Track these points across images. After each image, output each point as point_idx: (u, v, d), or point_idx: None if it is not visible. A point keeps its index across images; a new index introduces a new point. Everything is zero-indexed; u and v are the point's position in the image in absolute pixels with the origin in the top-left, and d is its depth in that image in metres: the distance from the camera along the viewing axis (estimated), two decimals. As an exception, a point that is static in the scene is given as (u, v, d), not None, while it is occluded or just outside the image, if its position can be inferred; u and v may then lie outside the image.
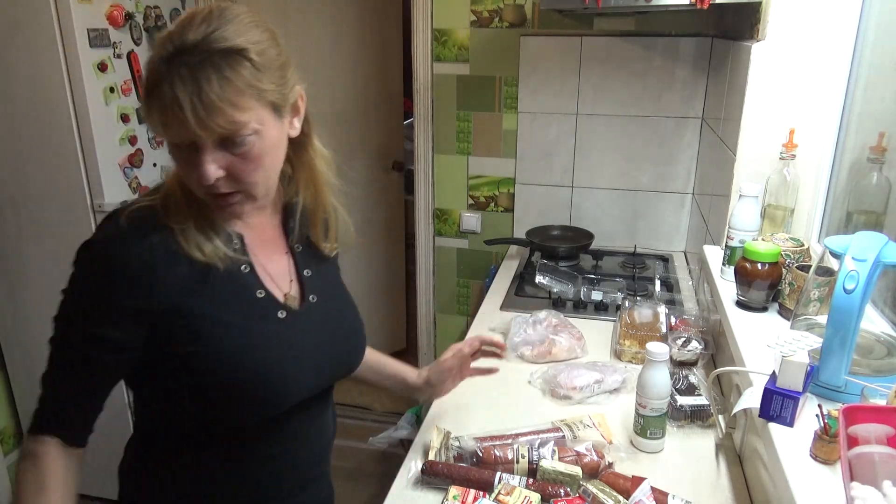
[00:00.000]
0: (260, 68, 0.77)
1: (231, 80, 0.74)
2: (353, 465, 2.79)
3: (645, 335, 1.61)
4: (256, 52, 0.77)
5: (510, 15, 2.27)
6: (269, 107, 0.80)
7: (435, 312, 2.73)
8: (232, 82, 0.75)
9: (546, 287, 1.96)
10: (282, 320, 0.92)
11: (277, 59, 0.81)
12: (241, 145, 0.78)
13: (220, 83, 0.74)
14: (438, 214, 2.58)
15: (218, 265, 0.86)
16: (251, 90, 0.76)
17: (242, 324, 0.88)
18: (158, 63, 0.74)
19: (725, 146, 1.70)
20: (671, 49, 2.18)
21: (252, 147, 0.79)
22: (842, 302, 0.90)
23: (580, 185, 2.41)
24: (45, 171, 2.11)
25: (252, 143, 0.79)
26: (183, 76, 0.73)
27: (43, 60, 1.99)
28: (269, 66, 0.79)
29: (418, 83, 2.40)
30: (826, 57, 1.42)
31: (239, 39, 0.76)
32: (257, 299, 0.90)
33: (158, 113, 0.74)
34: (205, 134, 0.75)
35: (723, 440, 1.31)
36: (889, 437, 0.79)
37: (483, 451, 1.18)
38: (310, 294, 0.98)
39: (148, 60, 0.77)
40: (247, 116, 0.77)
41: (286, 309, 0.93)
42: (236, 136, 0.77)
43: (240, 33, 0.77)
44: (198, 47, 0.74)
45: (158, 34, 0.81)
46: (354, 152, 3.14)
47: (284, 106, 0.84)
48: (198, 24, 0.75)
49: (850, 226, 1.30)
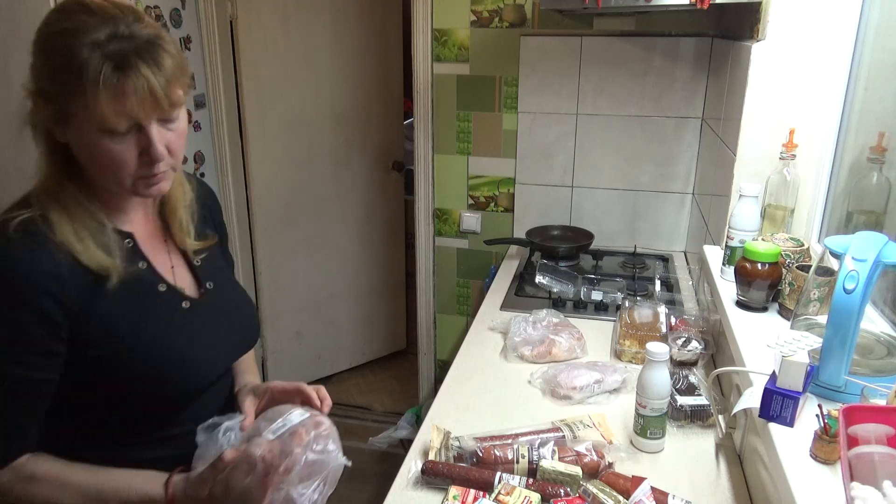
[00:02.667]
0: (177, 46, 0.86)
1: (171, 52, 0.83)
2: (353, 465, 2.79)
3: (645, 335, 1.61)
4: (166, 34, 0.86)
5: (510, 15, 2.27)
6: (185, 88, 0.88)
7: (435, 312, 2.73)
8: (173, 54, 0.83)
9: (546, 287, 1.96)
10: (186, 310, 0.98)
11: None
12: (175, 121, 0.86)
13: (169, 57, 0.82)
14: (438, 214, 2.58)
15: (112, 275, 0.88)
16: (180, 68, 0.85)
17: (151, 318, 0.92)
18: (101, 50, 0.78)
19: (725, 146, 1.70)
20: (671, 49, 2.18)
21: (181, 123, 0.88)
22: (842, 302, 0.90)
23: (580, 185, 2.41)
24: (45, 171, 2.11)
25: (181, 117, 0.88)
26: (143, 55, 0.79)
27: (43, 60, 1.99)
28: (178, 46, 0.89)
29: (418, 83, 2.41)
30: (826, 57, 1.42)
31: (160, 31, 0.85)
32: (160, 293, 0.95)
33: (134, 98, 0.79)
34: (168, 108, 0.82)
35: (723, 440, 1.31)
36: (889, 437, 0.79)
37: (483, 451, 1.18)
38: (205, 282, 1.03)
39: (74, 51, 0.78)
40: (184, 91, 0.86)
41: (188, 299, 0.99)
42: (176, 110, 0.85)
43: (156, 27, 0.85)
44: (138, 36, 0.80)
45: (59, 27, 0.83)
46: (354, 152, 3.14)
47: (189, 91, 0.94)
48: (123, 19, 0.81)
49: (850, 226, 1.30)
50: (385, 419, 3.04)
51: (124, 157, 0.83)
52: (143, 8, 2.23)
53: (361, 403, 3.19)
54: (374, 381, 3.39)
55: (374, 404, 3.17)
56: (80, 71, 0.78)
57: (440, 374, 2.78)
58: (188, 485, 0.89)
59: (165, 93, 0.81)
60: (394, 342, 3.53)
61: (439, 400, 1.49)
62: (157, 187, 0.89)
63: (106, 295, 0.87)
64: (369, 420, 3.07)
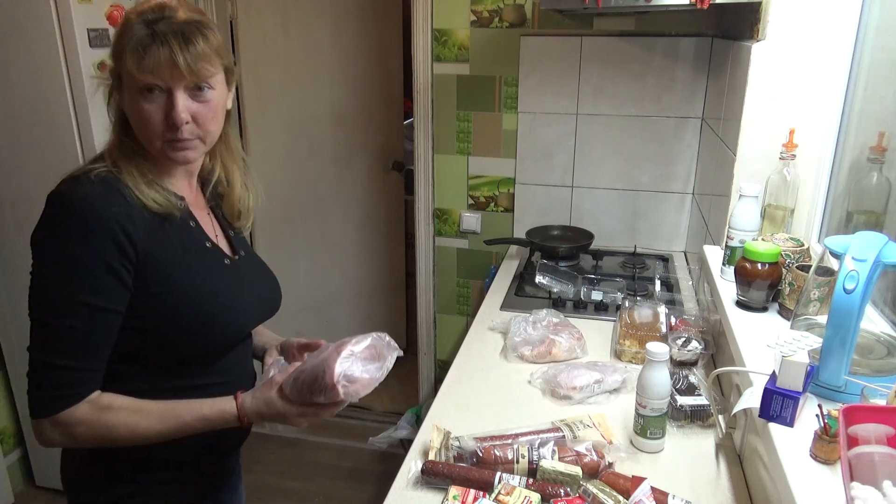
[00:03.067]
0: (220, 38, 0.99)
1: (209, 39, 0.96)
2: (353, 465, 2.80)
3: (645, 335, 1.61)
4: (215, 27, 0.99)
5: (510, 15, 2.27)
6: (224, 71, 1.01)
7: (435, 312, 2.73)
8: (209, 41, 0.96)
9: (546, 287, 1.96)
10: (228, 266, 1.10)
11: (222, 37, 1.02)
12: (206, 94, 0.97)
13: (202, 39, 0.95)
14: (438, 214, 2.58)
15: (175, 215, 1.01)
16: (217, 51, 0.97)
17: (202, 266, 1.04)
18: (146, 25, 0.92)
19: (725, 146, 1.70)
20: (671, 49, 2.18)
21: (212, 98, 0.98)
22: (842, 302, 0.90)
23: (580, 185, 2.41)
24: (45, 170, 2.11)
25: (213, 95, 0.98)
26: (175, 32, 0.92)
27: (43, 60, 1.99)
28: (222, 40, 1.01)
29: (418, 83, 2.40)
30: (826, 57, 1.42)
31: (203, 17, 0.98)
32: (207, 248, 1.07)
33: (153, 59, 0.91)
34: (190, 77, 0.93)
35: (723, 440, 1.31)
36: (889, 437, 0.79)
37: (483, 451, 1.18)
38: (239, 250, 1.16)
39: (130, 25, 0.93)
40: (214, 70, 0.98)
41: (230, 258, 1.11)
42: (206, 83, 0.96)
43: (200, 13, 0.99)
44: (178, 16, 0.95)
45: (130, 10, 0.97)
46: (354, 152, 3.14)
47: (231, 75, 1.04)
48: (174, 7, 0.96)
49: (850, 226, 1.30)
50: (385, 419, 3.04)
51: (152, 115, 0.95)
52: (143, 8, 2.23)
53: (361, 403, 3.17)
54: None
55: (374, 404, 3.17)
56: (128, 39, 0.93)
57: (440, 374, 2.78)
58: (255, 392, 1.01)
59: (189, 65, 0.92)
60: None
61: (439, 400, 1.49)
62: (182, 153, 0.99)
63: (165, 240, 0.98)
64: (369, 420, 3.07)
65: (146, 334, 0.99)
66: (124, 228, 0.92)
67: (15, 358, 2.39)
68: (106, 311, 0.94)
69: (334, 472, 2.75)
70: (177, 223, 1.01)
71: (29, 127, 2.07)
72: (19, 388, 2.44)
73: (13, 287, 2.28)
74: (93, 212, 0.92)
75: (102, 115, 2.07)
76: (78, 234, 0.91)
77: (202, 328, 1.02)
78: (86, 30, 2.00)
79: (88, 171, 0.96)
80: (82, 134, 2.06)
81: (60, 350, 0.93)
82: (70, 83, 2.01)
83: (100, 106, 2.08)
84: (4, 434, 2.49)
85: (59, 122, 2.04)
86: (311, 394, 0.97)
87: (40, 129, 2.07)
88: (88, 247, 0.91)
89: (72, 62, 1.99)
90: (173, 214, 1.00)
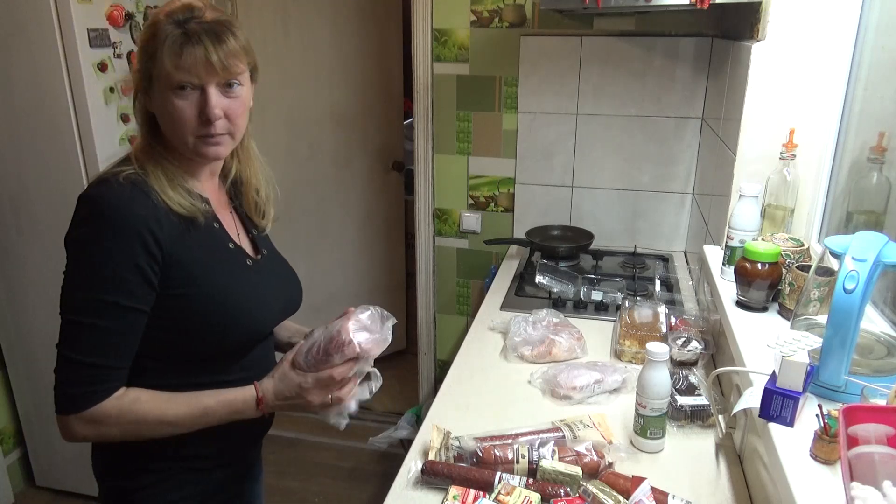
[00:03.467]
0: (245, 37, 1.02)
1: (238, 38, 1.00)
2: (353, 465, 2.79)
3: (645, 335, 1.61)
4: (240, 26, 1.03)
5: (510, 15, 2.27)
6: (249, 68, 1.04)
7: (435, 312, 2.73)
8: (238, 39, 1.00)
9: (546, 287, 1.96)
10: (250, 267, 1.12)
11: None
12: (235, 90, 1.01)
13: (232, 38, 0.99)
14: (438, 214, 2.58)
15: (199, 219, 1.03)
16: (244, 49, 1.01)
17: (224, 268, 1.07)
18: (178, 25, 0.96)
19: (725, 146, 1.70)
20: (671, 49, 2.18)
21: (241, 94, 1.02)
22: (842, 302, 0.90)
23: (580, 185, 2.41)
24: (45, 170, 2.11)
25: (241, 91, 1.02)
26: (207, 32, 0.96)
27: (43, 60, 1.99)
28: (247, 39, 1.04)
29: (418, 83, 2.40)
30: (826, 57, 1.42)
31: (229, 17, 1.03)
32: (230, 249, 1.09)
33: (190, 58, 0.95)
34: (222, 74, 0.97)
35: (723, 440, 1.31)
36: (889, 437, 0.79)
37: (483, 451, 1.18)
38: (262, 249, 1.19)
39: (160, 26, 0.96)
40: (243, 67, 1.02)
41: (251, 258, 1.14)
42: (236, 79, 1.00)
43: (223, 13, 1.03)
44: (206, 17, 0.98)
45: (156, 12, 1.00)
46: (354, 152, 3.14)
47: (255, 72, 1.07)
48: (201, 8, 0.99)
49: (850, 226, 1.30)
50: (385, 419, 3.04)
51: (186, 112, 0.98)
52: (143, 8, 2.23)
53: (361, 403, 3.18)
54: (374, 381, 3.39)
55: (374, 404, 3.17)
56: (161, 39, 0.95)
57: (440, 374, 2.78)
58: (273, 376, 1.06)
59: (222, 62, 0.96)
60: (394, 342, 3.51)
61: (439, 400, 1.49)
62: (214, 148, 1.02)
63: (189, 243, 1.01)
64: (369, 420, 3.07)
65: (171, 333, 1.02)
66: (152, 231, 0.95)
67: (15, 358, 2.39)
68: (133, 310, 0.96)
69: (334, 472, 2.75)
70: (201, 225, 1.04)
71: (29, 127, 2.07)
72: (19, 388, 2.44)
73: (13, 287, 2.28)
74: (122, 214, 0.94)
75: (102, 116, 2.09)
76: (108, 235, 0.94)
77: (224, 328, 1.05)
78: (86, 30, 2.00)
79: (117, 173, 0.98)
80: (82, 134, 2.06)
81: (89, 348, 0.95)
82: (70, 83, 2.01)
83: (100, 106, 2.09)
84: (4, 434, 2.49)
85: (59, 122, 2.04)
86: (326, 355, 1.03)
87: (40, 129, 2.07)
88: (118, 248, 0.94)
89: (72, 62, 1.99)
90: (198, 219, 1.03)
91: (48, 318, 2.30)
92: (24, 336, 2.33)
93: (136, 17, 2.20)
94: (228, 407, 1.03)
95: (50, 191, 2.12)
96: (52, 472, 2.52)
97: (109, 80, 2.11)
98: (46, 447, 2.48)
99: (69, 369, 0.96)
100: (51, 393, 0.97)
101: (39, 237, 2.18)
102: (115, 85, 2.14)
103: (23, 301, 2.28)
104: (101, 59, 2.07)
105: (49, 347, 0.98)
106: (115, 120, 2.16)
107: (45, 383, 2.45)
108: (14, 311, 2.31)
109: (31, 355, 2.35)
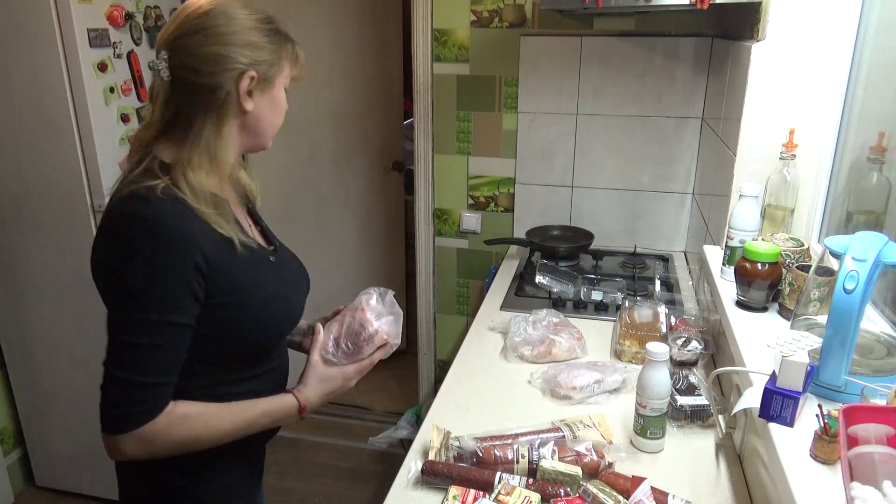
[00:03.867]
0: None
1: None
2: (353, 465, 2.79)
3: (645, 335, 1.61)
4: None
5: (510, 15, 2.27)
6: None
7: (435, 312, 2.73)
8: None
9: (546, 287, 1.96)
10: (273, 262, 1.14)
11: None
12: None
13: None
14: (438, 214, 2.58)
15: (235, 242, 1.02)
16: None
17: (258, 269, 1.08)
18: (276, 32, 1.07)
19: (725, 146, 1.70)
20: (671, 49, 2.18)
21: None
22: (842, 302, 0.90)
23: (580, 185, 2.41)
24: (45, 170, 2.11)
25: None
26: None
27: (43, 60, 1.99)
28: None
29: (418, 83, 2.40)
30: (826, 57, 1.42)
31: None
32: (255, 250, 1.09)
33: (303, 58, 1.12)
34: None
35: (723, 440, 1.31)
36: (889, 437, 0.79)
37: (483, 451, 1.18)
38: (274, 241, 1.21)
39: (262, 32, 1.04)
40: None
41: (272, 254, 1.16)
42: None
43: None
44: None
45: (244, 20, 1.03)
46: (354, 152, 3.14)
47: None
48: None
49: (850, 226, 1.30)
50: (385, 419, 3.04)
51: (282, 109, 1.13)
52: (143, 8, 2.23)
53: (361, 403, 3.18)
54: (373, 380, 3.37)
55: (374, 404, 3.17)
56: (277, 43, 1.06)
57: (440, 374, 2.78)
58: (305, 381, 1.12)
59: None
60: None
61: (439, 400, 1.49)
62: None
63: (227, 252, 1.02)
64: (369, 420, 3.07)
65: (213, 339, 1.02)
66: (200, 246, 0.95)
67: (15, 358, 2.39)
68: (185, 326, 0.97)
69: (334, 472, 2.75)
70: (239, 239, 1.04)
71: (29, 127, 2.07)
72: (19, 388, 2.43)
73: (13, 287, 2.28)
74: (175, 235, 0.94)
75: (102, 116, 2.09)
76: (160, 255, 0.93)
77: (265, 328, 1.09)
78: (86, 30, 2.00)
79: (152, 188, 0.95)
80: (82, 134, 2.06)
81: (143, 367, 0.94)
82: (70, 83, 2.01)
83: (100, 106, 2.09)
84: (4, 434, 2.49)
85: (59, 122, 2.04)
86: (358, 349, 1.13)
87: (40, 129, 2.07)
88: (170, 267, 0.94)
89: (72, 62, 1.99)
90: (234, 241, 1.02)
91: (48, 318, 2.30)
92: (24, 336, 2.33)
93: (135, 17, 2.20)
94: (270, 417, 1.08)
95: (50, 191, 2.12)
96: (52, 472, 2.52)
97: (109, 80, 2.11)
98: (46, 447, 2.47)
99: (122, 390, 0.94)
100: (51, 393, 0.97)
101: (39, 237, 2.17)
102: (115, 85, 2.14)
103: (23, 301, 2.28)
104: (101, 59, 2.07)
105: (49, 347, 0.98)
106: (116, 120, 2.16)
107: (46, 383, 2.48)
108: (14, 310, 2.31)
109: (31, 355, 2.34)
